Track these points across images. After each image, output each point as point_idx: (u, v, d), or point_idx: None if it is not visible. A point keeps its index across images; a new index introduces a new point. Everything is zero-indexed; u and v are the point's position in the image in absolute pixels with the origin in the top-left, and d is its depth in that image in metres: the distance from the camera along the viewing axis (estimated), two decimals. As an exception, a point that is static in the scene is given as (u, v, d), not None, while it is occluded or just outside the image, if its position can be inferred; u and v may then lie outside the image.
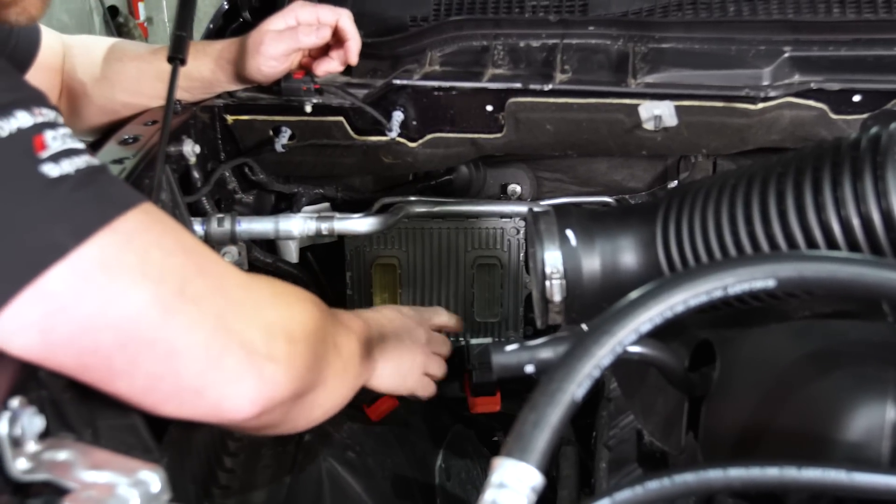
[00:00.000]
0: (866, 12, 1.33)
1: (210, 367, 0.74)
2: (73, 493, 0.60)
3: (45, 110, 0.70)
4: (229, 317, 0.76)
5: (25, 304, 0.65)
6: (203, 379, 0.74)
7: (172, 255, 0.74)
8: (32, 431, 0.65)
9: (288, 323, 0.84)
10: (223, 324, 0.75)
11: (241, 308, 0.79)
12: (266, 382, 0.78)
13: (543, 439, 0.53)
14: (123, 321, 0.69)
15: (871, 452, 0.62)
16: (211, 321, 0.75)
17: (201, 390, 0.75)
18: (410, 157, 1.42)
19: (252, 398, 0.77)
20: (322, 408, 0.93)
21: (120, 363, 0.71)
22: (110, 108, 1.37)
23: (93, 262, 0.67)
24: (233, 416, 0.77)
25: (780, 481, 0.57)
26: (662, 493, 0.57)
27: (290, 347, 0.82)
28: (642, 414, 0.95)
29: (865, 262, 0.60)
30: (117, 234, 0.69)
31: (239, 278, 0.82)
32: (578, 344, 0.57)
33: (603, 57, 1.33)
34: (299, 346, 0.84)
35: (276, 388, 0.79)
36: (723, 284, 0.59)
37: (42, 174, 0.66)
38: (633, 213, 0.90)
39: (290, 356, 0.81)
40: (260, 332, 0.79)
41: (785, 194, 0.74)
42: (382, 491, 1.30)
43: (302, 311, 0.88)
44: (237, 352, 0.76)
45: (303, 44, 1.30)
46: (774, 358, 0.73)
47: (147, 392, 0.74)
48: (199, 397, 0.75)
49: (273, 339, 0.80)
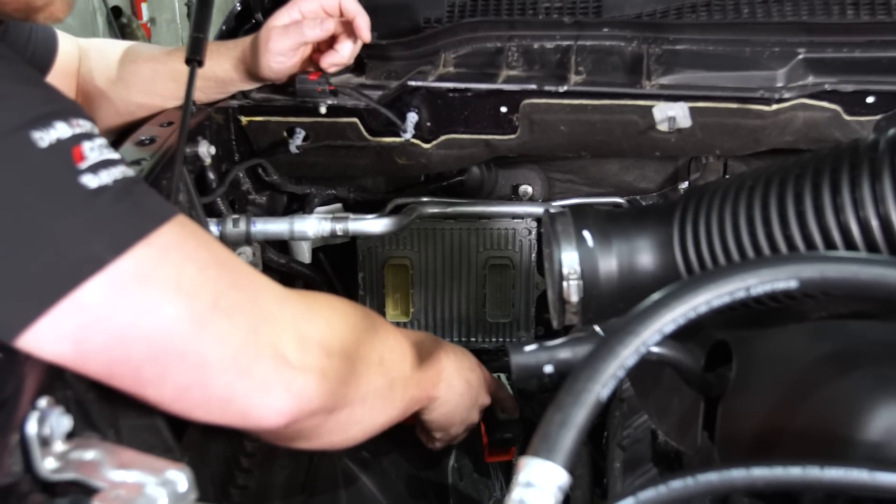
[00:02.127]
0: (880, 14, 1.33)
1: (239, 377, 0.75)
2: (101, 492, 0.60)
3: (82, 121, 0.71)
4: (262, 329, 0.77)
5: (62, 314, 0.66)
6: (231, 389, 0.75)
7: (206, 269, 0.75)
8: (60, 431, 0.65)
9: (326, 336, 0.84)
10: (255, 336, 0.76)
11: (275, 320, 0.79)
12: (295, 394, 0.78)
13: (569, 439, 0.54)
14: (156, 333, 0.70)
15: (890, 452, 0.62)
16: (242, 333, 0.75)
17: (230, 400, 0.76)
18: (424, 158, 1.42)
19: (279, 409, 0.77)
20: (360, 425, 0.92)
21: (150, 373, 0.72)
22: (126, 109, 1.38)
23: (129, 275, 0.68)
24: (260, 425, 0.78)
25: (803, 481, 0.57)
26: (686, 493, 0.57)
27: (324, 360, 0.82)
28: (657, 414, 0.95)
29: (888, 263, 0.61)
30: (153, 247, 0.70)
31: (274, 291, 0.82)
32: (603, 344, 0.57)
33: (617, 58, 1.33)
34: (335, 359, 0.83)
35: (307, 400, 0.79)
36: (746, 285, 0.59)
37: (81, 185, 0.67)
38: (650, 214, 0.90)
39: (323, 369, 0.81)
40: (293, 344, 0.79)
41: (803, 195, 0.75)
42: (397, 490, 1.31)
43: (343, 326, 0.88)
44: (267, 363, 0.76)
45: (308, 37, 1.30)
46: (792, 358, 0.73)
47: (175, 400, 0.75)
48: (228, 406, 0.76)
49: (306, 351, 0.80)
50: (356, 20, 1.32)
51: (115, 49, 1.42)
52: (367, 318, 0.94)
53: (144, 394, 0.74)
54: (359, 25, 1.33)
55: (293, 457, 1.14)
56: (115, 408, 0.77)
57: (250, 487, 1.08)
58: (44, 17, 0.87)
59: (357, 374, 0.87)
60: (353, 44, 1.34)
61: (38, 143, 0.66)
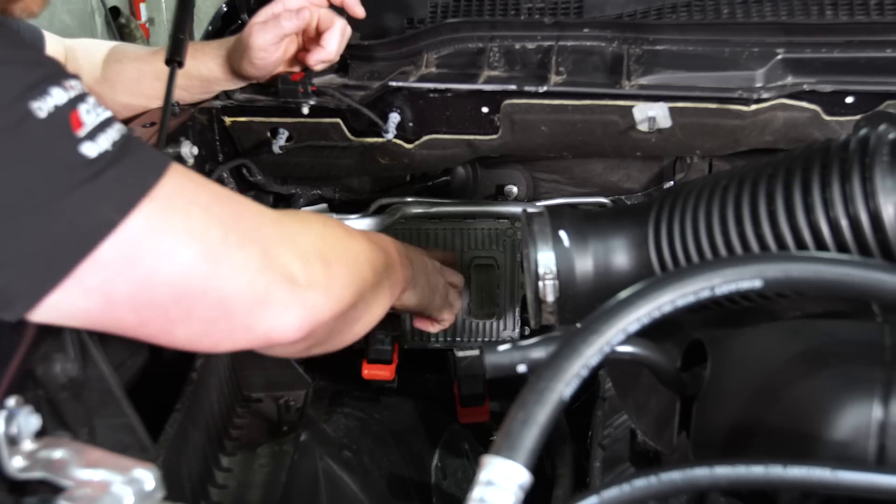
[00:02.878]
0: (858, 14, 1.33)
1: (258, 303, 0.80)
2: (68, 490, 0.61)
3: (72, 82, 0.72)
4: (270, 253, 0.82)
5: (85, 273, 0.69)
6: (253, 315, 0.80)
7: (210, 208, 0.78)
8: (28, 430, 0.66)
9: (321, 247, 0.89)
10: (266, 261, 0.81)
11: (279, 243, 0.84)
12: (309, 308, 0.84)
13: (531, 438, 0.54)
14: (176, 277, 0.74)
15: (857, 451, 0.63)
16: (255, 261, 0.80)
17: (252, 325, 0.80)
18: (407, 158, 1.43)
19: (298, 325, 0.83)
20: (362, 321, 1.01)
21: (176, 314, 0.76)
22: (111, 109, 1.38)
23: (140, 230, 0.71)
24: (283, 342, 0.83)
25: (765, 480, 0.57)
26: (649, 492, 0.58)
27: (326, 271, 0.87)
28: (636, 413, 0.95)
29: (851, 262, 0.61)
30: (157, 200, 0.73)
31: (270, 214, 0.86)
32: (567, 343, 0.58)
33: (597, 59, 1.33)
34: (334, 267, 0.89)
35: (320, 311, 0.85)
36: (710, 284, 0.60)
37: (82, 155, 0.69)
38: (626, 214, 0.90)
39: (327, 279, 0.87)
40: (298, 262, 0.84)
41: (775, 195, 0.75)
42: (379, 490, 1.31)
43: (330, 234, 0.95)
44: (281, 285, 0.81)
45: (286, 29, 1.30)
46: (764, 357, 0.73)
47: (204, 336, 0.80)
48: (251, 332, 0.81)
49: (309, 265, 0.85)
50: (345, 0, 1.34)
51: (100, 49, 1.42)
52: (340, 224, 1.01)
53: (175, 336, 0.78)
54: (349, 4, 1.34)
55: (273, 456, 1.14)
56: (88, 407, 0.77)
57: (229, 486, 1.08)
58: (20, 10, 0.88)
59: (354, 276, 0.93)
60: (338, 38, 1.34)
61: (37, 113, 0.67)
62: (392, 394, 1.59)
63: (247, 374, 1.28)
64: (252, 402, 1.27)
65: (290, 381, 1.29)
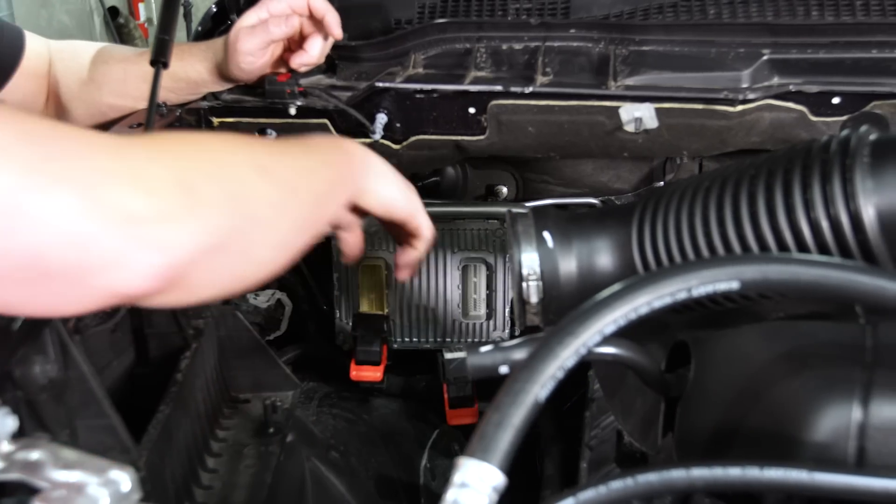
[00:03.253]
0: (844, 15, 1.33)
1: (85, 253, 0.63)
2: (43, 492, 0.60)
3: None
4: (95, 191, 0.64)
5: None
6: (84, 269, 0.63)
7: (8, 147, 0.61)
8: (5, 432, 0.65)
9: (178, 172, 0.71)
10: (88, 202, 0.63)
11: (111, 175, 0.66)
12: (163, 248, 0.67)
13: (506, 440, 0.54)
14: None
15: (837, 452, 0.63)
16: (72, 205, 0.62)
17: (86, 280, 0.64)
18: (395, 158, 1.42)
19: (148, 271, 0.66)
20: (267, 246, 0.79)
21: None
22: (97, 110, 1.38)
23: None
24: (135, 293, 0.67)
25: (742, 481, 0.57)
26: (626, 493, 0.58)
27: (186, 198, 0.70)
28: (621, 414, 0.95)
29: (829, 264, 0.61)
30: None
31: (107, 146, 0.68)
32: (542, 345, 0.58)
33: (584, 59, 1.33)
34: (200, 190, 0.71)
35: (177, 247, 0.68)
36: (687, 286, 0.60)
37: None
38: (610, 216, 0.90)
39: (188, 208, 0.69)
40: (140, 195, 0.66)
41: (756, 196, 0.75)
42: (366, 490, 1.31)
43: (196, 151, 0.76)
44: (112, 227, 0.64)
45: (274, 35, 1.30)
46: (746, 358, 0.73)
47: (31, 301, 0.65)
48: (89, 288, 0.65)
49: (157, 195, 0.68)
50: (326, 18, 1.32)
51: (87, 50, 1.42)
52: (229, 137, 0.82)
53: None
54: (329, 23, 1.33)
55: (259, 456, 1.13)
56: (69, 408, 0.76)
57: (215, 487, 1.08)
58: None
59: (233, 195, 0.74)
60: (322, 43, 1.35)
61: None
62: (381, 395, 1.59)
63: (234, 375, 1.27)
64: (239, 403, 1.26)
65: (277, 381, 1.29)
